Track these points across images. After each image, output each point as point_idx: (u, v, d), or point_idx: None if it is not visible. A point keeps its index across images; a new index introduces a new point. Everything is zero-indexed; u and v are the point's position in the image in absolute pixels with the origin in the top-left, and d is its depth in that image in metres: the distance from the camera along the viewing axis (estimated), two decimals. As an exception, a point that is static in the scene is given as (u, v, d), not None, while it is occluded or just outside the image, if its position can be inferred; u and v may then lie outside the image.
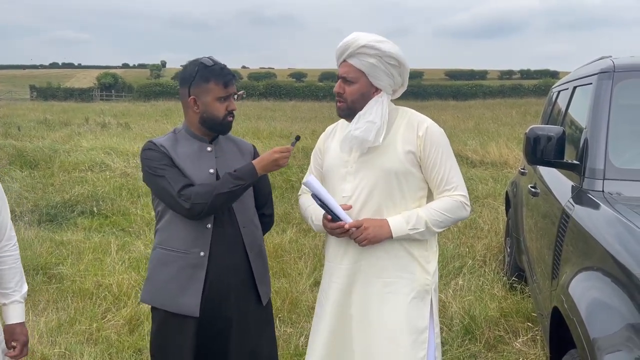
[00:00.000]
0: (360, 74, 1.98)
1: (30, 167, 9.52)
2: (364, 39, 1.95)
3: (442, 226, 1.99)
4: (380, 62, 1.96)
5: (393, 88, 2.05)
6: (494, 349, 3.39)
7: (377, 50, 1.94)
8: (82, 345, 3.38)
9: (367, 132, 1.94)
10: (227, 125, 2.10)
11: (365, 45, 1.94)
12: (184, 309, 2.04)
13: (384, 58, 1.96)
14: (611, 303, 1.66)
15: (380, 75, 1.98)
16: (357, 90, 2.00)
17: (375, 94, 2.01)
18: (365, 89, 2.00)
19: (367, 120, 1.96)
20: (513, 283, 4.17)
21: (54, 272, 4.56)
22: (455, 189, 1.99)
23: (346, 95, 2.01)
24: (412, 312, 1.99)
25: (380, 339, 1.99)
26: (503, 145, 11.56)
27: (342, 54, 2.00)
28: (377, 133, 1.95)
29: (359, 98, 2.00)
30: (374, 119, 1.95)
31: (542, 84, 55.77)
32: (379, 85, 2.00)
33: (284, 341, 3.44)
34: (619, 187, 2.27)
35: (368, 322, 2.01)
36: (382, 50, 1.95)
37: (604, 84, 2.63)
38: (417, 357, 1.97)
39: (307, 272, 4.54)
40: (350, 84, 2.00)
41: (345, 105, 2.03)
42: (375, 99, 2.00)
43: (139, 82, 62.46)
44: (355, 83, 1.99)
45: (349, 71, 1.99)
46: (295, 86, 60.19)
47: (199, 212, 1.97)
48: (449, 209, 1.98)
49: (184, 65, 2.12)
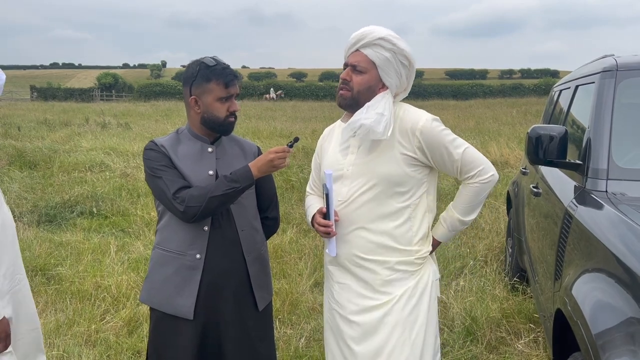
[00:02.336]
0: (371, 66, 1.96)
1: (29, 168, 9.51)
2: (383, 32, 1.94)
3: (475, 211, 2.04)
4: (394, 58, 1.94)
5: (397, 90, 2.02)
6: (496, 351, 3.36)
7: (393, 46, 1.93)
8: (81, 347, 3.36)
9: (376, 123, 1.90)
10: (229, 126, 2.07)
11: (383, 37, 1.93)
12: (179, 311, 2.03)
13: (398, 55, 1.94)
14: (615, 305, 1.63)
15: (390, 72, 1.96)
16: (366, 82, 1.96)
17: (382, 90, 1.98)
18: (373, 82, 1.97)
19: (376, 112, 1.92)
20: (515, 284, 4.15)
21: (53, 273, 4.54)
22: (475, 175, 1.97)
23: (353, 84, 1.97)
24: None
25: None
26: (504, 145, 11.54)
27: (356, 42, 1.97)
28: (386, 126, 1.91)
29: (366, 90, 1.97)
30: (383, 112, 1.92)
31: (542, 83, 55.70)
32: (387, 81, 1.97)
33: (284, 343, 3.42)
34: (623, 187, 2.25)
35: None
36: (398, 46, 1.94)
37: (606, 83, 2.60)
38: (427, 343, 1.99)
39: (307, 272, 4.52)
40: (360, 74, 1.96)
41: (350, 95, 1.99)
42: (382, 94, 1.97)
43: (139, 82, 62.41)
44: (365, 73, 1.96)
45: (361, 60, 1.96)
46: (295, 86, 60.17)
47: (192, 215, 1.95)
48: (472, 197, 2.00)
49: (187, 64, 2.11)
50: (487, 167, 1.98)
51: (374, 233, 1.98)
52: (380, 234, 1.97)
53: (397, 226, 1.98)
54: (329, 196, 1.95)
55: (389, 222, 1.97)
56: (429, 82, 63.46)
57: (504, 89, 56.34)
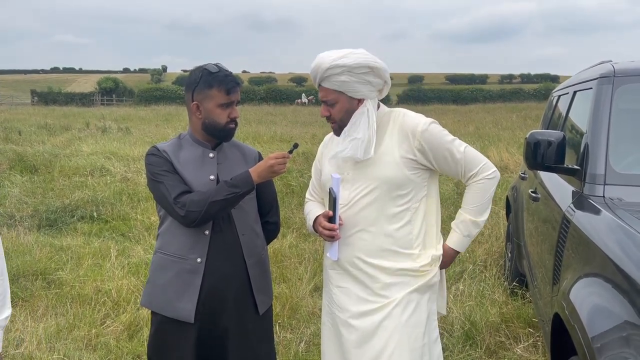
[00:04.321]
0: (337, 94, 2.00)
1: (30, 172, 9.53)
2: (327, 62, 1.95)
3: (486, 211, 2.07)
4: (351, 76, 1.95)
5: (377, 89, 2.03)
6: (495, 355, 3.37)
7: (342, 67, 1.94)
8: (81, 351, 3.37)
9: (354, 150, 1.96)
10: (229, 132, 2.09)
11: (329, 67, 1.94)
12: (180, 314, 2.04)
13: (354, 70, 1.95)
14: (612, 309, 1.64)
15: (356, 87, 1.98)
16: (341, 109, 2.01)
17: (360, 104, 2.01)
18: (347, 105, 2.01)
19: (351, 139, 1.97)
20: (514, 288, 4.16)
21: (53, 278, 4.55)
22: (477, 173, 2.01)
23: (333, 117, 2.04)
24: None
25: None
26: (503, 150, 11.56)
27: (314, 80, 2.03)
28: (366, 147, 1.96)
29: (345, 115, 2.02)
30: (357, 135, 1.96)
31: (542, 88, 55.79)
32: (358, 96, 2.00)
33: (284, 347, 3.43)
34: (620, 193, 2.26)
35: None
36: (348, 64, 1.93)
37: (604, 89, 2.62)
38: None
39: (307, 277, 4.53)
40: (333, 106, 2.02)
41: (337, 125, 2.06)
42: (360, 110, 2.00)
43: (140, 86, 62.52)
44: (336, 103, 2.01)
45: (327, 94, 2.01)
46: (295, 90, 60.25)
47: (193, 219, 1.97)
48: (480, 196, 2.03)
49: (190, 70, 2.14)
50: (489, 164, 2.04)
51: (375, 235, 2.00)
52: (382, 236, 2.00)
53: (398, 229, 2.00)
54: (336, 200, 1.97)
55: (390, 225, 2.00)
56: (429, 87, 63.58)
57: (503, 94, 56.45)
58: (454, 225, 2.09)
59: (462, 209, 2.08)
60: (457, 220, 2.08)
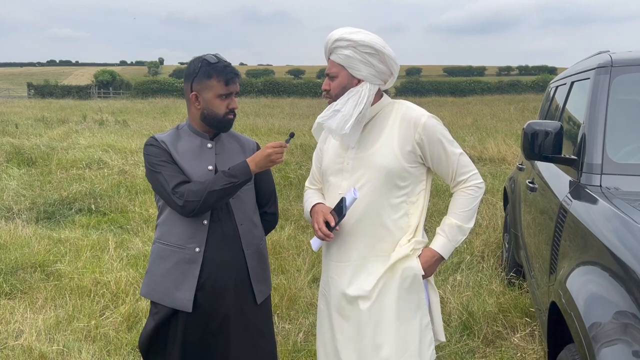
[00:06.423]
0: (340, 68, 2.00)
1: (27, 165, 9.52)
2: (337, 33, 1.99)
3: (472, 218, 2.05)
4: (355, 52, 1.96)
5: (381, 78, 2.03)
6: (492, 344, 3.40)
7: (349, 41, 1.96)
8: (81, 342, 3.38)
9: (330, 119, 1.99)
10: (228, 122, 2.09)
11: (338, 39, 1.97)
12: (178, 304, 2.05)
13: (358, 48, 1.96)
14: (609, 297, 1.66)
15: (357, 66, 1.98)
16: (339, 84, 2.02)
17: (357, 85, 2.02)
18: (346, 82, 2.01)
19: (334, 109, 1.99)
20: (511, 279, 4.18)
21: (52, 270, 4.56)
22: (467, 179, 2.03)
23: (332, 91, 2.04)
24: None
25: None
26: (501, 142, 11.58)
27: (325, 52, 2.05)
28: (344, 122, 1.96)
29: (341, 91, 2.02)
30: (340, 108, 1.98)
31: (540, 80, 55.76)
32: (359, 75, 2.00)
33: (283, 337, 3.45)
34: (617, 182, 2.27)
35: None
36: (355, 40, 1.95)
37: (601, 79, 2.62)
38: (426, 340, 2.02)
39: (305, 268, 4.55)
40: (334, 79, 2.03)
41: (332, 101, 2.05)
42: (355, 88, 2.00)
43: (137, 79, 62.33)
44: (337, 77, 2.02)
45: (331, 67, 2.03)
46: (293, 83, 60.12)
47: (191, 209, 1.97)
48: (469, 202, 2.03)
49: (189, 61, 2.13)
50: (479, 174, 2.08)
51: (373, 225, 2.01)
52: (379, 226, 2.01)
53: (395, 220, 2.01)
54: (342, 213, 1.96)
55: (387, 216, 2.01)
56: (427, 79, 63.48)
57: (501, 86, 56.41)
58: (439, 230, 2.05)
59: (449, 214, 2.05)
60: (443, 225, 2.04)
